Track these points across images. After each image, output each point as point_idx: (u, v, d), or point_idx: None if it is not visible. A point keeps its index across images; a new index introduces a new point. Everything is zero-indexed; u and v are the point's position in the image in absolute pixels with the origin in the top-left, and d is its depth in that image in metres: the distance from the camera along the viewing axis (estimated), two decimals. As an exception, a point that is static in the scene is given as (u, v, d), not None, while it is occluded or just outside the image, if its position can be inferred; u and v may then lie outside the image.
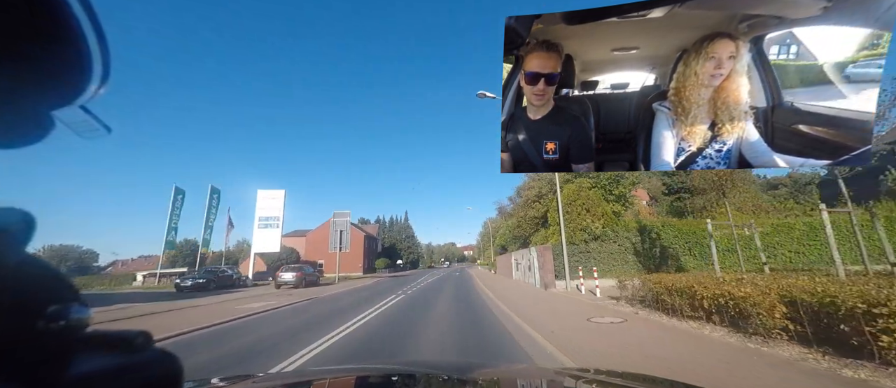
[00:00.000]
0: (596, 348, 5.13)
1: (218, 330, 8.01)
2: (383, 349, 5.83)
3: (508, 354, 5.31)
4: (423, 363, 3.31)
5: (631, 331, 6.11)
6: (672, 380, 1.59)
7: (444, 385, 1.62)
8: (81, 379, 0.30)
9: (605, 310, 8.42)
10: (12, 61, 0.26)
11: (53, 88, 0.29)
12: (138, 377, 0.34)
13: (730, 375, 3.80)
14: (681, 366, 4.09)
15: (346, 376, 1.84)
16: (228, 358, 5.42)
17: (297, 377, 2.10)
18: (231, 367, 4.92)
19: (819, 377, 3.65)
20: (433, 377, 1.69)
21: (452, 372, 1.77)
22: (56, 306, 0.29)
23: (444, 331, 6.96)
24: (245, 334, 7.41)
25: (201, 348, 6.23)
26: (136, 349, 0.34)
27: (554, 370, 1.85)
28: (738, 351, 4.66)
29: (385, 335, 6.81)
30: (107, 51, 0.29)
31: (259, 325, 8.51)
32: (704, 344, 5.07)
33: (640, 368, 4.01)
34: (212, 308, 11.94)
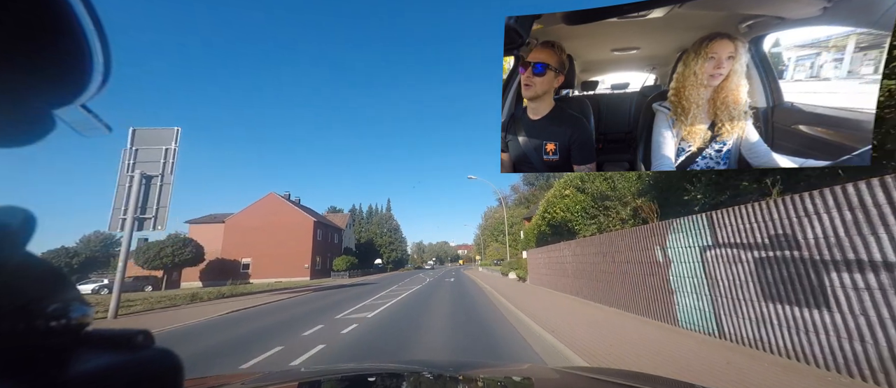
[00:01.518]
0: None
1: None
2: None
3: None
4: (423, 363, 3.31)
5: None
6: (673, 380, 1.59)
7: (443, 385, 1.62)
8: (82, 378, 0.30)
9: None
10: (13, 59, 0.26)
11: (54, 87, 0.29)
12: (139, 375, 0.34)
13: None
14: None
15: (345, 375, 1.84)
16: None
17: (297, 376, 2.10)
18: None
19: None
20: (433, 377, 1.69)
21: (452, 371, 1.77)
22: (56, 305, 0.29)
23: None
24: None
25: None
26: (136, 348, 0.34)
27: (554, 370, 1.85)
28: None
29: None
30: (108, 49, 0.29)
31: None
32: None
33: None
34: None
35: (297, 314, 9.14)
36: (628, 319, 5.30)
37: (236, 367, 4.85)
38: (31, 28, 0.26)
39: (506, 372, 1.99)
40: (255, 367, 4.78)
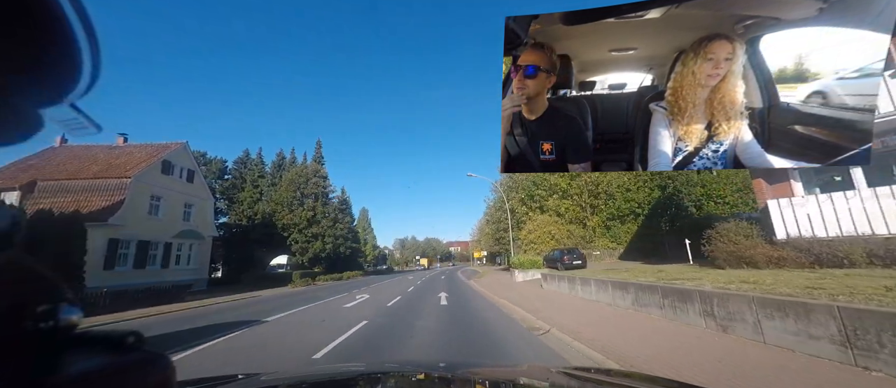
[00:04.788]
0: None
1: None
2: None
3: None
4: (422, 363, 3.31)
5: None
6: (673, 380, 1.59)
7: (443, 385, 1.62)
8: (72, 380, 0.29)
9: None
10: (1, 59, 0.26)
11: (42, 86, 0.29)
12: (130, 377, 0.33)
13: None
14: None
15: (344, 375, 1.84)
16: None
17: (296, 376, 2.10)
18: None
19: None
20: (433, 377, 1.69)
21: (452, 372, 1.77)
22: (46, 307, 0.29)
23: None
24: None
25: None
26: (127, 349, 0.34)
27: (554, 370, 1.85)
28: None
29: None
30: (97, 47, 0.29)
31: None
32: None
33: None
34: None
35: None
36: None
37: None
38: (14, 26, 0.26)
39: (506, 372, 1.99)
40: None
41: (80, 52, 0.29)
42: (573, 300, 10.31)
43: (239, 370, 5.59)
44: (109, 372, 0.32)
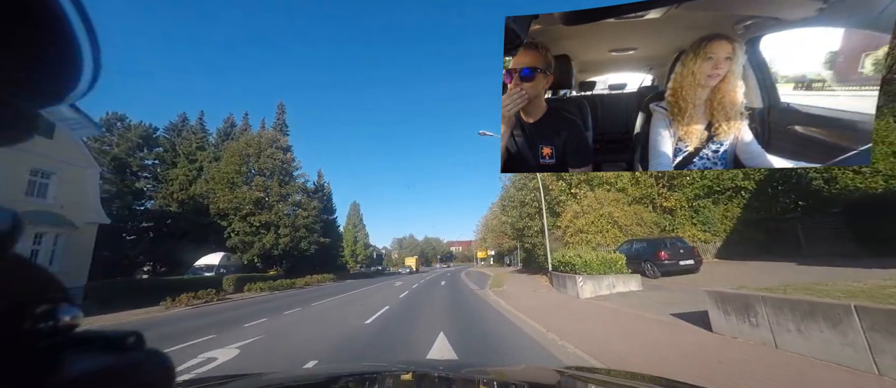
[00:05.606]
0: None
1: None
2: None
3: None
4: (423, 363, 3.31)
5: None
6: (673, 380, 1.59)
7: (444, 385, 1.62)
8: (72, 380, 0.29)
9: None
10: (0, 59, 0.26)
11: (42, 86, 0.29)
12: (130, 377, 0.33)
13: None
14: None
15: (343, 376, 1.84)
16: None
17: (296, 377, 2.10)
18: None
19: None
20: (434, 377, 1.69)
21: (452, 372, 1.77)
22: (45, 307, 0.29)
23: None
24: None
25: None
26: (127, 350, 0.34)
27: (554, 370, 1.85)
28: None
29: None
30: (97, 47, 0.29)
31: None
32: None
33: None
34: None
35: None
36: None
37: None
38: (14, 26, 0.26)
39: (506, 372, 1.99)
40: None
41: (81, 52, 0.29)
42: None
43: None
44: (109, 372, 0.32)
